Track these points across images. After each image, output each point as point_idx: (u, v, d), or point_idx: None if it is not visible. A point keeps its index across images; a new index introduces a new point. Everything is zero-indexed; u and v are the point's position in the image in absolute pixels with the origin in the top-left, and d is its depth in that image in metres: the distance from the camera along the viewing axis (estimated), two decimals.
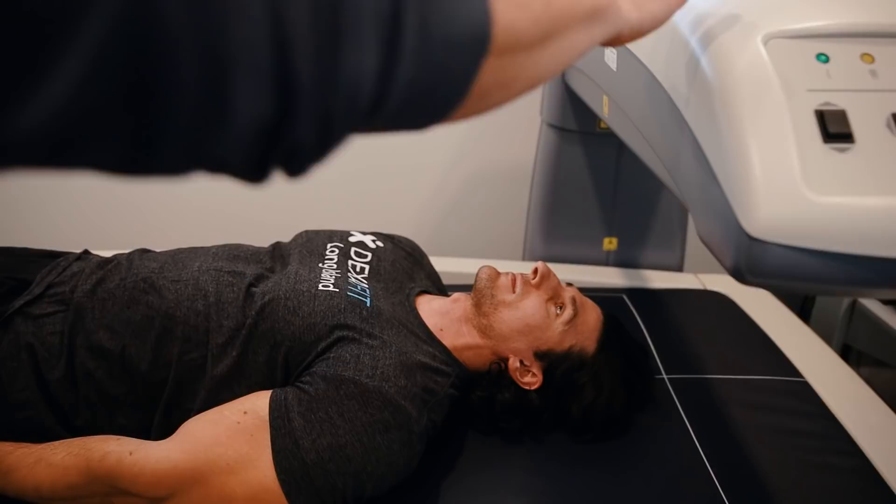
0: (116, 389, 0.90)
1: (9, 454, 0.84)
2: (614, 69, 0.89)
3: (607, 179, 1.44)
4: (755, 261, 0.54)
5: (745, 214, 0.53)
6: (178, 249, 1.05)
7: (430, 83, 0.37)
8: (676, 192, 0.69)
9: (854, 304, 1.44)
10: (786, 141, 0.53)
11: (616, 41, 0.55)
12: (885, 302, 1.39)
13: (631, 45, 0.75)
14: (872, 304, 1.41)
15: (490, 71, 0.40)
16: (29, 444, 0.86)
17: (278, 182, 0.37)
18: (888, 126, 0.54)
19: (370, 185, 1.66)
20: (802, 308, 1.52)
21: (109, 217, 1.68)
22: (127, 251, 1.05)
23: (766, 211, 0.52)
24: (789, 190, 0.52)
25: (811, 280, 0.54)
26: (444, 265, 1.26)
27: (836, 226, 0.52)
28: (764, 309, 1.33)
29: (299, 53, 0.30)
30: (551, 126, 1.43)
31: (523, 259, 1.52)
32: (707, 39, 0.60)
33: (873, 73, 0.57)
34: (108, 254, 1.05)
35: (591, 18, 0.49)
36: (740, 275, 0.56)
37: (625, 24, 0.52)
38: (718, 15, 0.63)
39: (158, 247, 1.08)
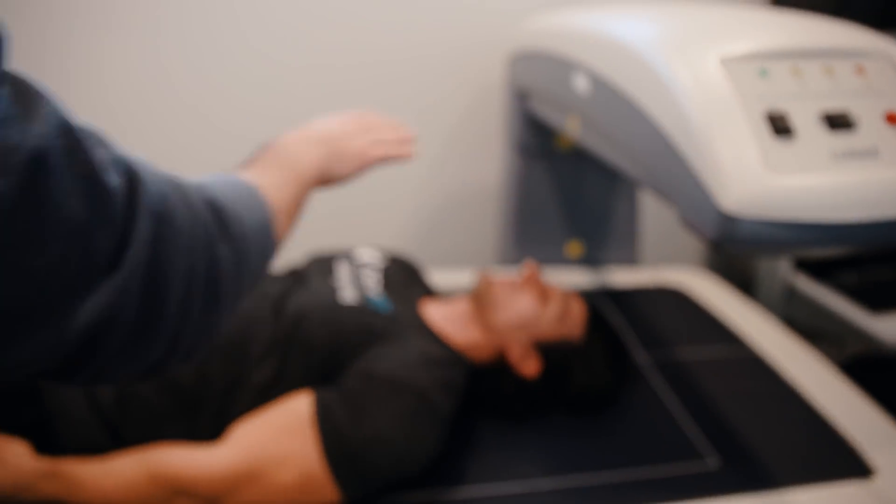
0: (163, 405, 0.98)
1: (75, 470, 0.91)
2: (586, 95, 1.05)
3: (570, 192, 1.60)
4: (731, 232, 0.69)
5: (720, 196, 0.69)
6: None
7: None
8: (656, 191, 0.85)
9: (792, 285, 1.65)
10: (746, 138, 0.69)
11: (323, 185, 0.77)
12: (818, 279, 1.60)
13: (606, 76, 0.91)
14: (807, 285, 1.61)
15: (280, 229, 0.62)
16: (92, 459, 0.93)
17: None
18: (818, 121, 0.71)
19: (357, 202, 1.79)
20: (748, 291, 1.71)
21: None
22: None
23: (736, 192, 0.68)
24: (752, 175, 0.68)
25: (774, 243, 0.69)
26: (435, 274, 1.40)
27: (788, 199, 0.68)
28: (714, 294, 1.51)
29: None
30: (515, 149, 1.58)
31: (499, 265, 1.67)
32: (676, 66, 0.76)
33: (802, 83, 0.74)
34: None
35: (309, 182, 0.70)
36: (720, 245, 0.71)
37: (320, 174, 0.73)
38: (680, 45, 0.79)
39: None
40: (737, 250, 0.71)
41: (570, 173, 1.60)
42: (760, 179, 0.68)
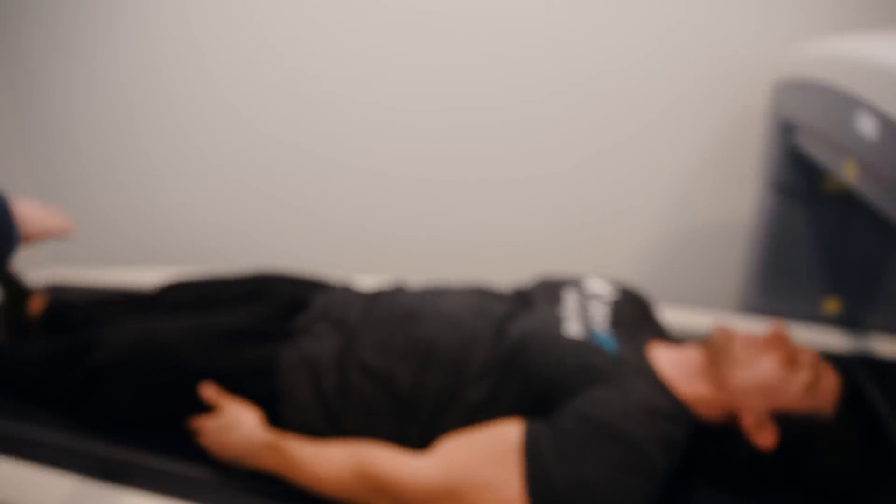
0: (379, 404, 1.02)
1: (293, 448, 0.98)
2: (872, 138, 0.91)
3: (832, 241, 1.42)
4: None
5: None
6: (431, 286, 1.17)
7: None
8: None
9: None
10: None
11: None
12: None
13: None
14: None
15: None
16: (310, 441, 1.00)
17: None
18: None
19: (592, 234, 1.75)
20: None
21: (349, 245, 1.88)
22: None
23: None
24: None
25: None
26: (666, 312, 1.31)
27: None
28: None
29: None
30: (773, 187, 1.43)
31: (740, 312, 1.53)
32: None
33: None
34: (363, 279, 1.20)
35: None
36: None
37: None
38: None
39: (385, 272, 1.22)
40: None
41: (837, 220, 1.42)
42: None
